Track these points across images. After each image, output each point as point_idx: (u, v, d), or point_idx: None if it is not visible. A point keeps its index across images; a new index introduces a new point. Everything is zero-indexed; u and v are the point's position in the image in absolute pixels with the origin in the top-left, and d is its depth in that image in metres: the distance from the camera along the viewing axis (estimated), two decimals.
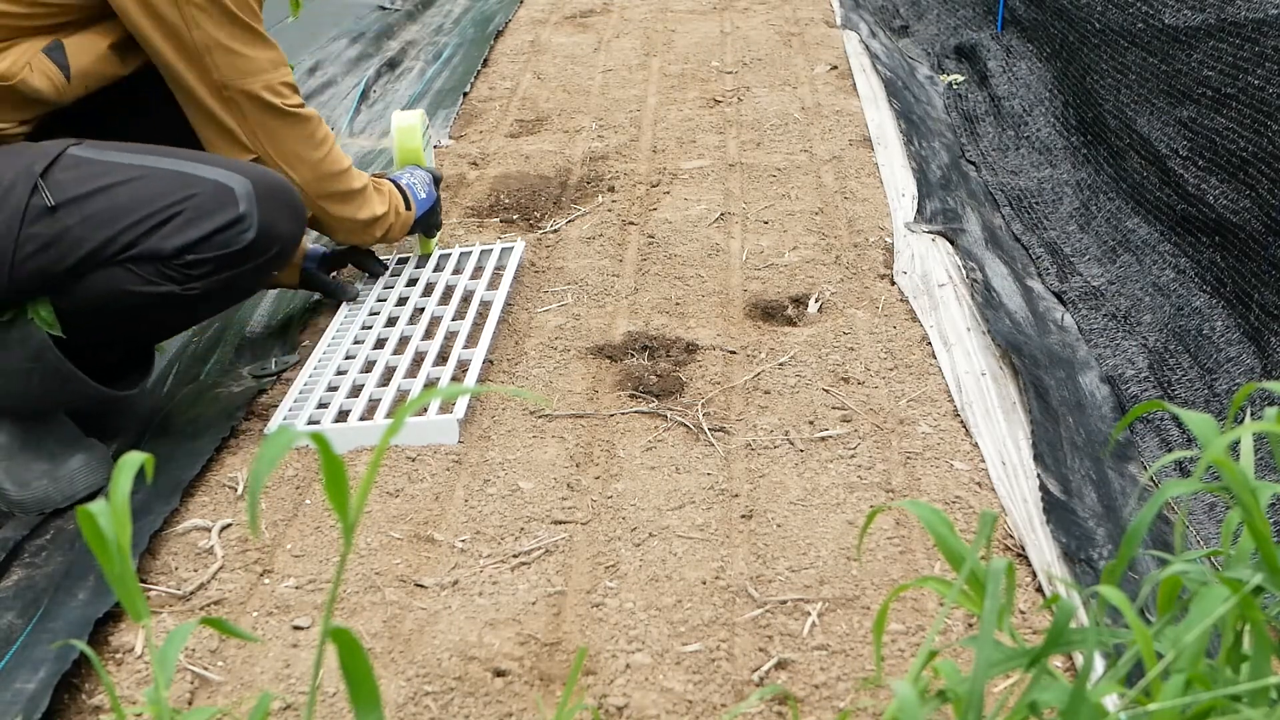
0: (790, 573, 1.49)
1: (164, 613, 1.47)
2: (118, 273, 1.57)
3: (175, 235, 1.57)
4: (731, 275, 2.29)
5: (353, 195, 1.97)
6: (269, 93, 1.78)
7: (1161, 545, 1.55)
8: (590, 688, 1.32)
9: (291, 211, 1.72)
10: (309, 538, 1.60)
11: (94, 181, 1.57)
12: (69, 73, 1.63)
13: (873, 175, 2.75)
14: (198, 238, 1.58)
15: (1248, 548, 0.84)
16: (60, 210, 1.54)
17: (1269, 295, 1.86)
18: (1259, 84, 1.99)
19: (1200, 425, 0.82)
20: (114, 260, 1.56)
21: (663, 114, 3.20)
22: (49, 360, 1.60)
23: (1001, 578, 0.76)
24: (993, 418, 1.80)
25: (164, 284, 1.59)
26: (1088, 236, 2.43)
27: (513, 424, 1.84)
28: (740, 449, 1.75)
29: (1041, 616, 1.40)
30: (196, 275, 1.60)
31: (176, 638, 0.82)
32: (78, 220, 1.55)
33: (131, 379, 1.80)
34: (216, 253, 1.60)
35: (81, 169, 1.58)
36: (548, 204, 2.69)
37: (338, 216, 1.96)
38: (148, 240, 1.56)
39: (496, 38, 4.04)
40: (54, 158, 1.57)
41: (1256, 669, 0.77)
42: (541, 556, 1.54)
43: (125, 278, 1.57)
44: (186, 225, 1.58)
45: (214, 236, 1.59)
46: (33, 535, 1.63)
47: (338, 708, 1.30)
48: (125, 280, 1.57)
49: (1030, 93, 3.07)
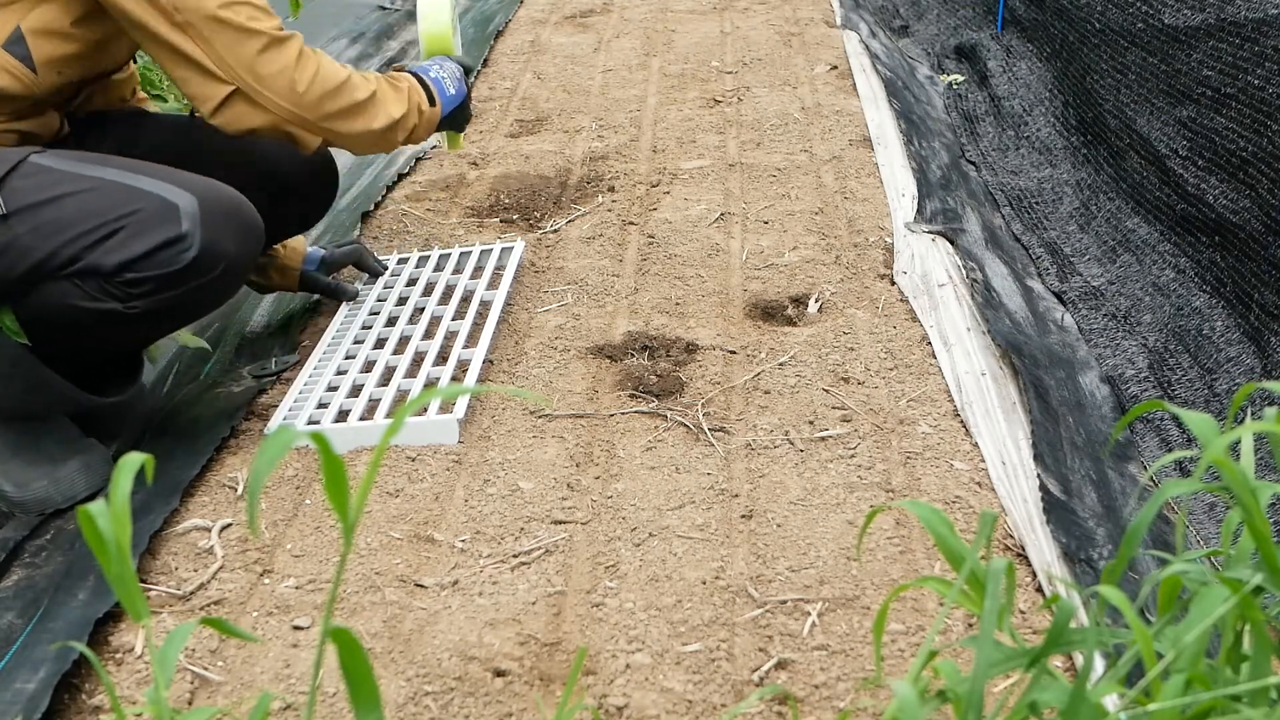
0: (790, 573, 1.49)
1: (164, 613, 1.47)
2: (65, 286, 1.54)
3: (116, 251, 1.53)
4: (731, 275, 2.29)
5: (359, 107, 1.81)
6: (227, 11, 1.65)
7: (1161, 545, 1.55)
8: (590, 688, 1.32)
9: (240, 230, 1.63)
10: (309, 538, 1.60)
11: (47, 191, 1.54)
12: (33, 64, 1.60)
13: (873, 175, 2.75)
14: (138, 255, 1.53)
15: (1248, 548, 0.84)
16: (13, 218, 1.52)
17: (1269, 295, 1.86)
18: (1259, 84, 1.99)
19: (1200, 425, 0.82)
20: (60, 273, 1.54)
21: (663, 114, 3.20)
22: (26, 367, 1.59)
23: (1001, 578, 0.76)
24: (993, 418, 1.80)
25: (107, 301, 1.55)
26: (1088, 236, 2.43)
27: (513, 424, 1.84)
28: (740, 449, 1.75)
29: (1041, 616, 1.40)
30: (137, 294, 1.55)
31: (176, 638, 0.82)
32: (28, 229, 1.52)
33: (119, 385, 1.79)
34: (156, 271, 1.54)
35: (39, 177, 1.55)
36: (548, 204, 2.69)
37: (347, 134, 1.82)
38: (90, 255, 1.53)
39: (496, 38, 4.04)
40: (14, 165, 1.55)
41: (1256, 669, 0.77)
42: (541, 556, 1.54)
43: (71, 292, 1.54)
44: (127, 241, 1.53)
45: (154, 254, 1.54)
46: (33, 535, 1.63)
47: (338, 708, 1.30)
48: (71, 294, 1.54)
49: (1030, 93, 3.07)
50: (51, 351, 1.63)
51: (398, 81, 1.91)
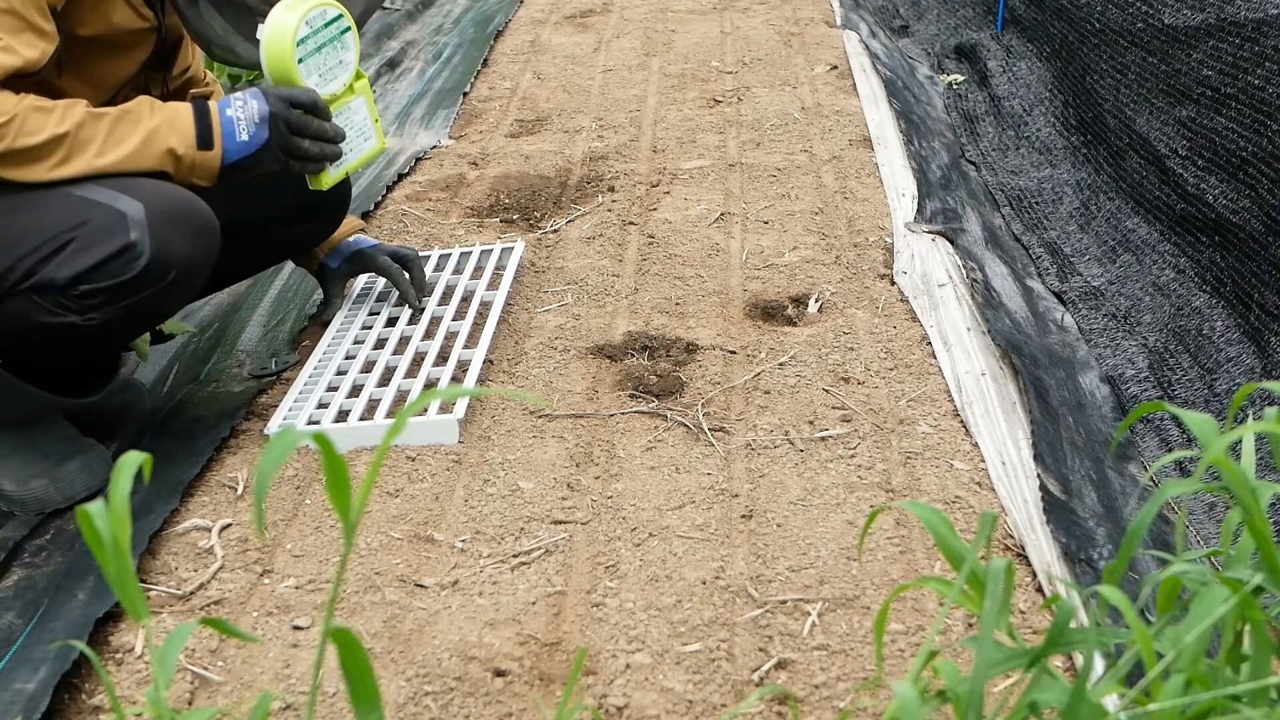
0: (790, 573, 1.49)
1: (164, 613, 1.47)
2: (23, 302, 1.53)
3: (67, 265, 1.51)
4: (731, 275, 2.29)
5: (38, 151, 1.51)
6: None
7: (1161, 545, 1.55)
8: (590, 688, 1.32)
9: (191, 233, 1.58)
10: (309, 538, 1.60)
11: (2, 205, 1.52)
12: None
13: (873, 175, 2.75)
14: (89, 266, 1.51)
15: (1248, 548, 0.84)
16: None
17: (1269, 295, 1.86)
18: (1259, 84, 1.99)
19: (1200, 425, 0.82)
20: (16, 289, 1.52)
21: (663, 114, 3.20)
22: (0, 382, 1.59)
23: (1001, 578, 0.76)
24: (993, 417, 1.80)
25: (65, 314, 1.53)
26: (1088, 236, 2.43)
27: (513, 424, 1.84)
28: (740, 449, 1.75)
29: (1041, 616, 1.40)
30: (93, 305, 1.53)
31: (176, 638, 0.82)
32: None
33: (98, 383, 1.78)
34: (109, 281, 1.52)
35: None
36: (548, 204, 2.69)
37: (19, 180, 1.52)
38: (43, 269, 1.51)
39: (496, 38, 4.04)
40: None
41: (1256, 669, 0.77)
42: (541, 556, 1.54)
43: (30, 308, 1.53)
44: (78, 254, 1.51)
45: (105, 265, 1.51)
46: (33, 535, 1.63)
47: (338, 708, 1.30)
48: (31, 310, 1.53)
49: (1030, 92, 3.07)
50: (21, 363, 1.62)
51: (159, 109, 1.61)
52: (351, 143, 1.82)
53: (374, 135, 1.87)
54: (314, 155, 1.71)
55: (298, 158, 1.70)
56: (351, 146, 1.82)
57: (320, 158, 1.72)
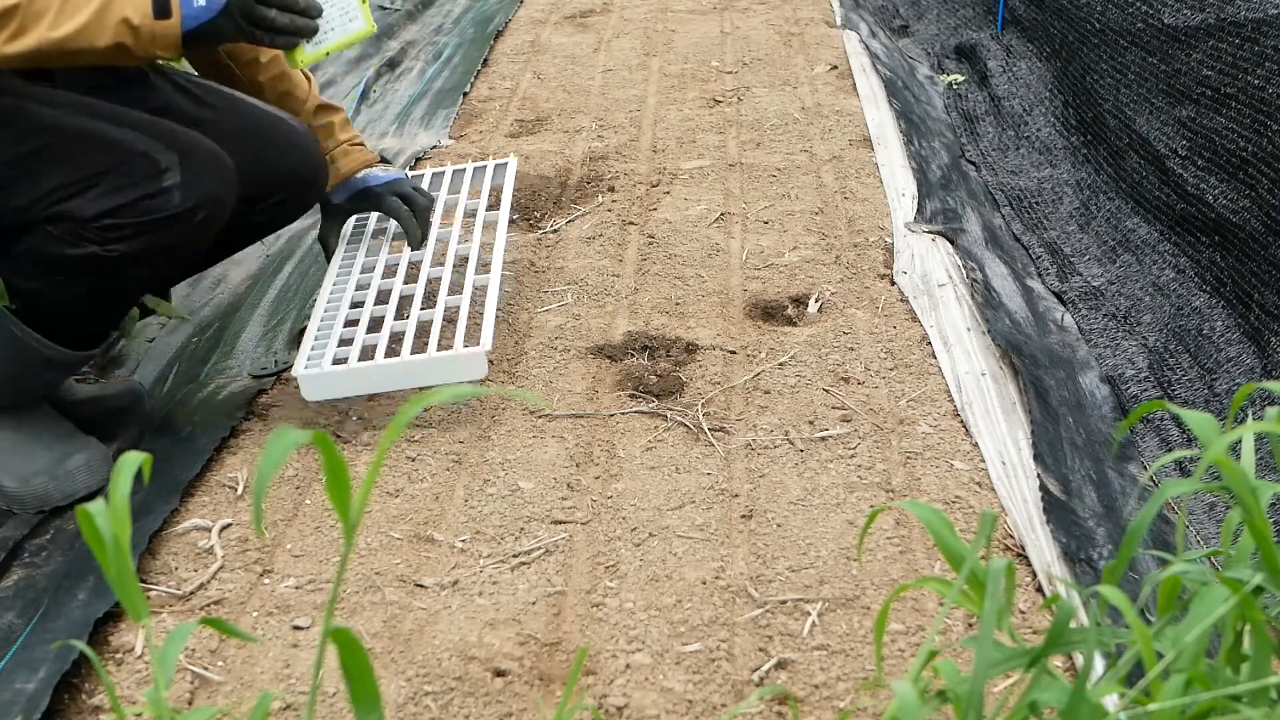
0: (790, 573, 1.49)
1: (164, 613, 1.47)
2: (44, 234, 1.56)
3: (98, 201, 1.54)
4: (731, 275, 2.29)
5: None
6: None
7: (1162, 545, 1.55)
8: (590, 688, 1.32)
9: (220, 180, 1.63)
10: (309, 538, 1.60)
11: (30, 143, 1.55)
12: None
13: (873, 175, 2.75)
14: (119, 204, 1.55)
15: (1248, 548, 0.84)
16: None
17: (1269, 295, 1.86)
18: (1259, 84, 1.99)
19: (1201, 425, 0.82)
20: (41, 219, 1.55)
21: (663, 114, 3.20)
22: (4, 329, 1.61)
23: (1001, 578, 0.76)
24: (993, 417, 1.80)
25: (87, 245, 1.56)
26: (1088, 236, 2.43)
27: (513, 424, 1.84)
28: (740, 449, 1.75)
29: (1041, 616, 1.40)
30: (116, 238, 1.56)
31: (176, 638, 0.82)
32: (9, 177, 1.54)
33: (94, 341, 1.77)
34: (139, 219, 1.56)
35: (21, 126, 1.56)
36: (548, 204, 2.69)
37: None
38: (71, 203, 1.54)
39: (496, 38, 4.04)
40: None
41: (1256, 669, 0.77)
42: (541, 556, 1.54)
43: (50, 240, 1.56)
44: (110, 192, 1.55)
45: (137, 203, 1.56)
46: (33, 535, 1.63)
47: (338, 708, 1.30)
48: (51, 243, 1.56)
49: (1030, 92, 3.07)
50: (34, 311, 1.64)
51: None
52: (332, 20, 1.72)
53: (360, 16, 1.75)
54: (282, 27, 1.62)
55: (264, 28, 1.61)
56: (333, 25, 1.72)
57: (290, 31, 1.63)
